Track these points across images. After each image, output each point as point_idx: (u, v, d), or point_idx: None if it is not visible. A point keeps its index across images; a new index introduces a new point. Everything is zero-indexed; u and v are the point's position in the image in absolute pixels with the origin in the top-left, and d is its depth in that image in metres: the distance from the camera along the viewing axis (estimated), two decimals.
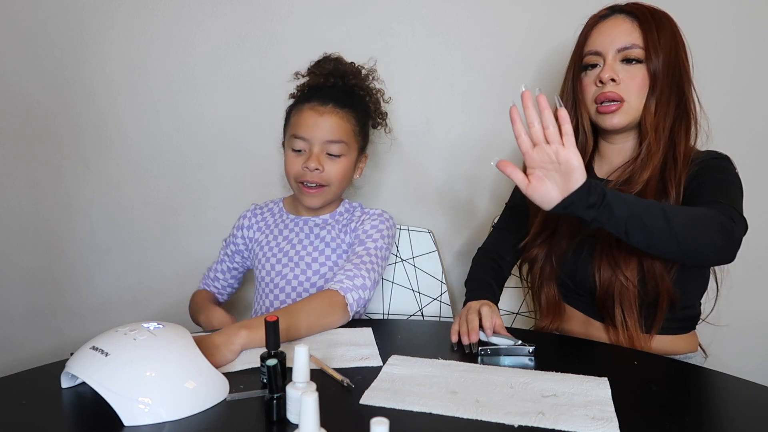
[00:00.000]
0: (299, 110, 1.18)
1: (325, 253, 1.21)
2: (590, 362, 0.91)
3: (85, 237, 1.61)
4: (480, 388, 0.77)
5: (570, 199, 0.81)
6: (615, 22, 1.02)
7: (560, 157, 0.80)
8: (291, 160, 1.18)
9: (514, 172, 0.84)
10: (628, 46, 0.99)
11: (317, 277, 1.20)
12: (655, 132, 0.99)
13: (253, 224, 1.30)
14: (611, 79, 0.99)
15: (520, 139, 0.83)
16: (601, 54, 1.01)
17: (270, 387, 0.69)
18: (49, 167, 1.59)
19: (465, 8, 1.44)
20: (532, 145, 0.82)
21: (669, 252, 0.85)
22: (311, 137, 1.15)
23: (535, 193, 0.83)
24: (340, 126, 1.16)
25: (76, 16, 1.51)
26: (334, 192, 1.20)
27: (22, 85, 1.55)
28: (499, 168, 0.85)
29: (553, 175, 0.82)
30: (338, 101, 1.17)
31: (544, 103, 0.81)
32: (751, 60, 1.39)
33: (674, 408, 0.74)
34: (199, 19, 1.49)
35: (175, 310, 1.59)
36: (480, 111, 1.48)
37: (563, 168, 0.80)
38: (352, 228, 1.22)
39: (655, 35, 0.98)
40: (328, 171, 1.16)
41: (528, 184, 0.83)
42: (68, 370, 0.75)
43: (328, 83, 1.22)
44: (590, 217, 0.82)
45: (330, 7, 1.47)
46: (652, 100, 0.99)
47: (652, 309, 1.01)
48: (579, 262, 1.06)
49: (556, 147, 0.80)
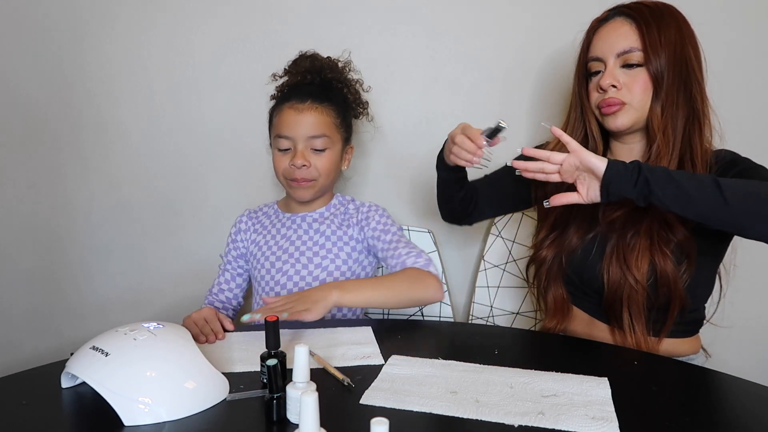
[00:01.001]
0: (280, 110, 1.21)
1: (325, 246, 1.22)
2: (590, 362, 0.91)
3: (85, 237, 1.61)
4: (480, 388, 0.77)
5: (606, 179, 0.87)
6: (613, 26, 1.00)
7: (575, 161, 0.90)
8: (278, 159, 1.21)
9: (567, 197, 0.94)
10: (627, 50, 0.98)
11: (319, 270, 1.20)
12: (663, 134, 0.98)
13: (249, 227, 1.31)
14: (612, 85, 0.99)
15: (550, 178, 0.94)
16: (602, 60, 1.01)
17: (270, 387, 0.69)
18: (49, 167, 1.59)
19: (465, 8, 1.44)
20: (557, 171, 0.93)
21: (722, 223, 0.86)
22: (294, 135, 1.18)
23: (588, 196, 0.92)
24: (321, 120, 1.19)
25: (77, 16, 1.51)
26: (322, 184, 1.22)
27: (23, 85, 1.55)
28: (553, 203, 0.96)
29: (584, 176, 0.92)
30: (316, 97, 1.20)
31: (528, 152, 0.94)
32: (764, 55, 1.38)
33: (674, 408, 0.74)
34: (200, 19, 1.49)
35: (176, 310, 1.59)
36: (480, 111, 1.48)
37: (584, 166, 0.90)
38: (355, 222, 1.24)
39: (655, 35, 0.96)
40: (315, 165, 1.19)
41: (582, 195, 0.92)
42: (68, 370, 0.75)
43: (306, 80, 1.24)
44: (637, 191, 0.86)
45: (330, 7, 1.47)
46: (657, 102, 0.98)
47: (661, 313, 1.01)
48: (588, 260, 1.05)
49: (569, 158, 0.90)
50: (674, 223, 0.96)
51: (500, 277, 1.44)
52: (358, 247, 1.24)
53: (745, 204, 0.83)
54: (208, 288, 1.34)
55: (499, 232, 1.44)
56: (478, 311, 1.45)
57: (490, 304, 1.45)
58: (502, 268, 1.44)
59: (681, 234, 0.96)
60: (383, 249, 1.19)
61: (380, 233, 1.21)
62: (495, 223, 1.44)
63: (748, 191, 0.83)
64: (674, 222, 0.96)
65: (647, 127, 1.01)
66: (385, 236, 1.20)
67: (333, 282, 1.01)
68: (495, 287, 1.44)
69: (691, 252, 0.96)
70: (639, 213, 1.00)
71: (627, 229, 1.00)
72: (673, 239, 0.96)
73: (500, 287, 1.44)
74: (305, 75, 1.25)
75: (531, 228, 1.39)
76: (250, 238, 1.29)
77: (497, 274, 1.44)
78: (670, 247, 0.96)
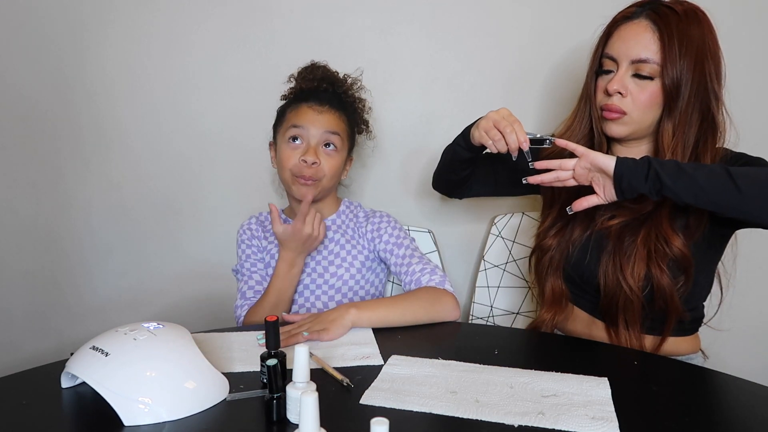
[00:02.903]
0: (296, 107, 1.20)
1: (340, 255, 1.22)
2: (590, 362, 0.91)
3: (86, 237, 1.61)
4: (480, 388, 0.77)
5: (617, 175, 0.88)
6: (636, 29, 0.96)
7: (585, 164, 0.92)
8: (287, 153, 1.19)
9: (587, 200, 0.95)
10: (643, 59, 0.94)
11: (335, 279, 1.20)
12: (672, 154, 0.96)
13: (260, 234, 1.27)
14: (618, 92, 0.97)
15: (567, 183, 0.96)
16: (616, 61, 0.98)
17: (270, 387, 0.69)
18: (49, 167, 1.59)
19: (465, 8, 1.44)
20: (571, 176, 0.94)
21: (735, 210, 0.86)
22: (311, 127, 1.17)
23: (606, 196, 0.93)
24: (337, 122, 1.20)
25: (77, 17, 1.51)
26: (325, 186, 1.21)
27: (23, 86, 1.55)
28: (576, 209, 0.96)
29: (597, 176, 0.92)
30: (333, 103, 1.21)
31: (539, 165, 0.97)
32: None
33: (674, 408, 0.74)
34: (199, 19, 1.49)
35: (175, 310, 1.59)
36: (480, 111, 1.47)
37: (595, 166, 0.91)
38: (365, 232, 1.24)
39: (675, 51, 0.92)
40: (323, 165, 1.18)
41: (600, 196, 0.93)
42: (68, 370, 0.75)
43: (321, 88, 1.24)
44: (649, 185, 0.87)
45: (330, 7, 1.47)
46: (669, 120, 0.96)
47: (657, 320, 1.01)
48: (587, 258, 1.04)
49: (579, 162, 0.92)
50: (671, 237, 0.95)
51: (500, 277, 1.44)
52: (371, 256, 1.25)
53: (757, 190, 0.83)
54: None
55: (499, 232, 1.44)
56: (478, 311, 1.45)
57: (490, 304, 1.45)
58: (502, 268, 1.44)
59: (677, 249, 0.95)
60: (396, 264, 1.19)
61: (393, 247, 1.21)
62: (495, 223, 1.44)
63: (759, 177, 0.84)
64: (671, 236, 0.95)
65: (655, 141, 1.00)
66: (398, 250, 1.20)
67: (350, 302, 1.02)
68: (495, 287, 1.44)
69: (688, 267, 0.96)
70: (636, 223, 0.99)
71: (624, 236, 1.00)
72: (669, 254, 0.95)
73: (500, 287, 1.44)
74: (321, 83, 1.24)
75: (531, 228, 1.39)
76: (261, 245, 1.27)
77: (497, 274, 1.44)
78: (666, 261, 0.96)
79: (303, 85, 1.25)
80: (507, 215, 1.45)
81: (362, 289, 1.24)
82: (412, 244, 1.23)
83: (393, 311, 1.02)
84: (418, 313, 1.03)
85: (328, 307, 1.19)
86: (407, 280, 1.15)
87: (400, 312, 1.02)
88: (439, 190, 1.30)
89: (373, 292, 1.26)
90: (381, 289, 1.30)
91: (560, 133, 1.09)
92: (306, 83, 1.24)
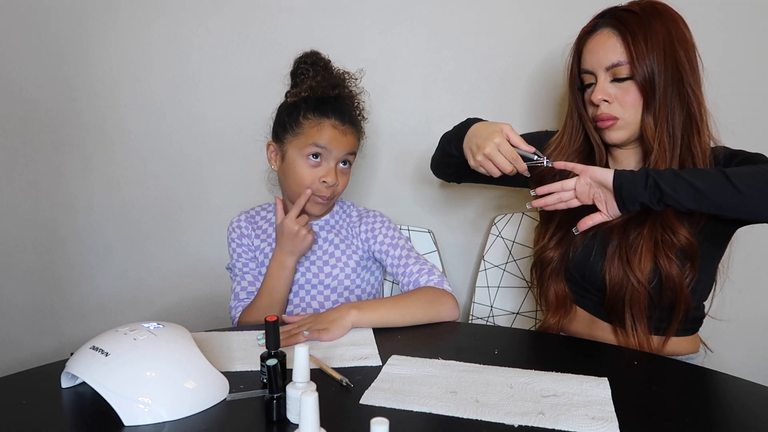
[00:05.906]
0: (318, 123, 1.14)
1: (335, 255, 1.22)
2: (590, 362, 0.91)
3: (86, 236, 1.61)
4: (480, 388, 0.77)
5: (617, 187, 0.89)
6: (600, 39, 0.99)
7: (587, 180, 0.92)
8: (305, 170, 1.15)
9: (592, 218, 0.94)
10: (615, 64, 0.96)
11: (330, 279, 1.20)
12: (659, 145, 0.97)
13: (251, 232, 1.25)
14: (603, 100, 0.99)
15: (570, 204, 0.95)
16: (593, 73, 1.00)
17: (270, 387, 0.69)
18: (50, 166, 1.59)
19: (465, 8, 1.44)
20: (573, 196, 0.94)
21: (738, 210, 0.86)
22: (334, 151, 1.14)
23: (609, 212, 0.93)
24: (355, 141, 1.20)
25: (78, 16, 1.51)
26: (335, 201, 1.25)
27: (24, 85, 1.55)
28: (581, 228, 0.96)
29: (599, 192, 0.93)
30: (350, 121, 1.17)
31: (541, 190, 0.97)
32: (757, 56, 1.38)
33: (674, 408, 0.74)
34: (200, 19, 1.50)
35: (176, 310, 1.59)
36: (480, 111, 1.47)
37: (595, 181, 0.92)
38: (358, 232, 1.24)
39: (641, 46, 0.94)
40: (339, 183, 1.18)
41: (603, 212, 0.94)
42: (68, 370, 0.75)
43: (332, 94, 1.17)
44: (649, 194, 0.87)
45: (330, 7, 1.47)
46: (649, 113, 0.97)
47: (664, 314, 1.01)
48: (590, 259, 1.05)
49: (579, 180, 0.93)
50: (677, 227, 0.96)
51: (500, 277, 1.44)
52: (365, 256, 1.24)
53: (755, 188, 0.83)
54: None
55: (499, 232, 1.44)
56: (478, 311, 1.45)
57: (490, 304, 1.45)
58: (502, 268, 1.44)
59: (684, 238, 0.96)
60: (392, 264, 1.19)
61: (388, 247, 1.21)
62: (495, 223, 1.44)
63: (756, 176, 0.84)
64: (677, 225, 0.96)
65: (642, 139, 1.01)
66: (393, 251, 1.20)
67: (350, 303, 1.03)
68: (495, 287, 1.44)
69: (695, 255, 0.97)
70: (641, 216, 1.00)
71: (629, 230, 1.01)
72: (676, 243, 0.96)
73: (500, 287, 1.44)
74: (331, 89, 1.17)
75: (531, 228, 1.39)
76: (253, 244, 1.25)
77: (497, 274, 1.44)
78: (674, 251, 0.97)
79: (319, 91, 1.15)
80: (507, 215, 1.45)
81: (358, 288, 1.23)
82: (407, 243, 1.22)
83: (393, 312, 1.02)
84: (418, 313, 1.04)
85: (324, 307, 1.19)
86: (405, 281, 1.15)
87: (400, 312, 1.02)
88: (438, 177, 1.30)
89: (369, 290, 1.26)
90: (378, 288, 1.30)
91: (550, 153, 1.09)
92: (321, 90, 1.15)
